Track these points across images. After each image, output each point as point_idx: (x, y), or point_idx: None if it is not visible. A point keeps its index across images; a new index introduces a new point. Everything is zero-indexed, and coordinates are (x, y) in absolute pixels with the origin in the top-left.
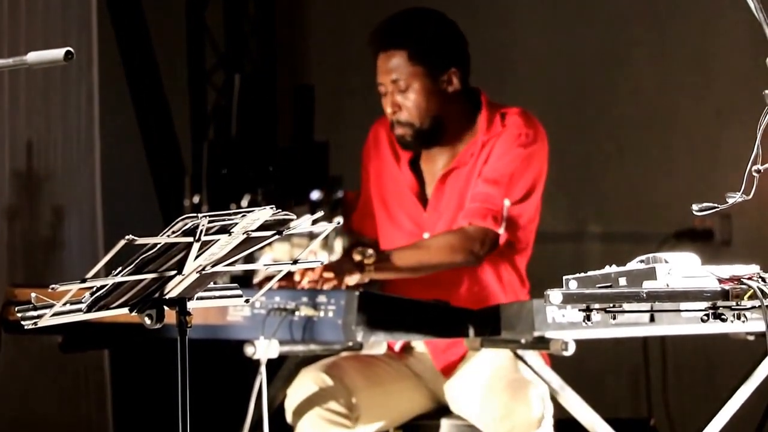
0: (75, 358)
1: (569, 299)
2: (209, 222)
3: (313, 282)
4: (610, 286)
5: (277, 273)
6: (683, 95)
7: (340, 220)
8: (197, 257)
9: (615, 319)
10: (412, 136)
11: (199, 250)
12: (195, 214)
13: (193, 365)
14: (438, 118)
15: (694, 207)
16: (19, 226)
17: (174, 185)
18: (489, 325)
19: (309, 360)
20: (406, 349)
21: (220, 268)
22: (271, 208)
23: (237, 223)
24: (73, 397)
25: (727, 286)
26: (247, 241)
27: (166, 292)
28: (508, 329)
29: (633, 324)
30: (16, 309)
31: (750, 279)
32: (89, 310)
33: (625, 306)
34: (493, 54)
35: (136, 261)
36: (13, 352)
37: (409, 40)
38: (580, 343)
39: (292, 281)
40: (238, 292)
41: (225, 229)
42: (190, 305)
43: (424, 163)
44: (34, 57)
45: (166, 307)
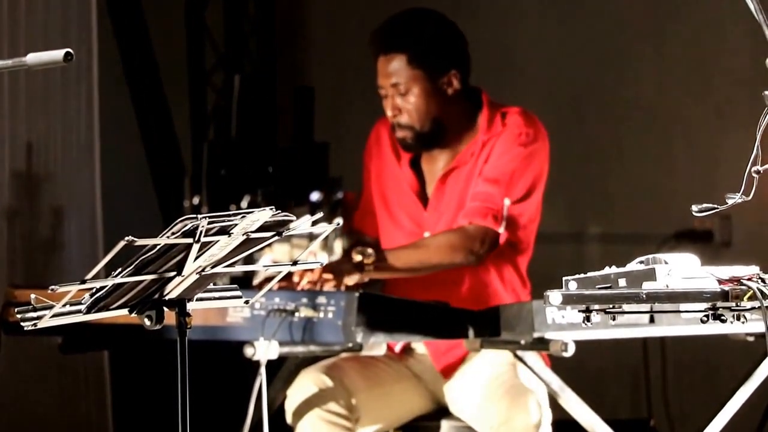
0: (75, 359)
1: (569, 300)
2: (209, 223)
3: (312, 283)
4: (610, 287)
5: (276, 274)
6: (683, 96)
7: (340, 221)
8: (197, 258)
9: (615, 320)
10: (413, 138)
11: (198, 251)
12: (195, 215)
13: (193, 366)
14: (439, 121)
15: (694, 208)
16: (18, 227)
17: (174, 186)
18: (489, 326)
19: (309, 361)
20: (407, 350)
21: (219, 270)
22: (271, 209)
23: (236, 224)
24: (73, 398)
25: (726, 287)
26: (247, 243)
27: (165, 293)
28: (508, 330)
29: (633, 325)
30: (16, 310)
31: (750, 280)
32: (89, 311)
33: (625, 307)
34: (493, 54)
35: (136, 262)
36: (13, 354)
37: (409, 43)
38: (579, 344)
39: (292, 282)
40: (238, 293)
41: (224, 230)
42: (190, 306)
43: (424, 163)
44: (34, 58)
45: (165, 308)
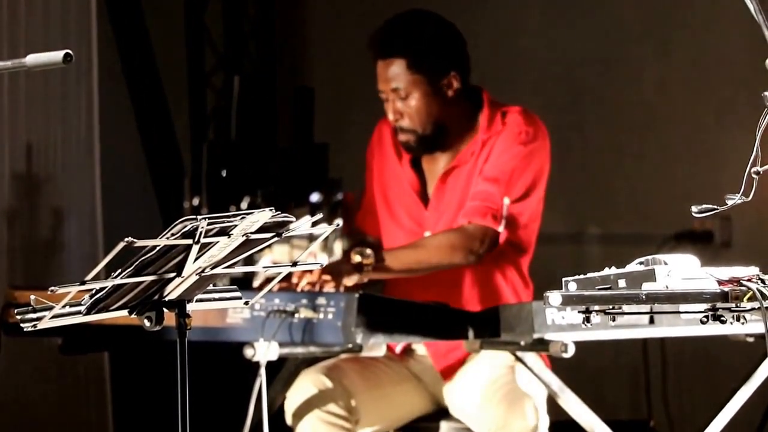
0: (75, 360)
1: (569, 301)
2: (208, 224)
3: (311, 284)
4: (610, 288)
5: (276, 275)
6: (683, 96)
7: (340, 222)
8: (196, 259)
9: (614, 320)
10: (415, 141)
11: (198, 252)
12: (194, 216)
13: (193, 367)
14: (440, 123)
15: (694, 209)
16: (18, 229)
17: (173, 187)
18: (488, 326)
19: (309, 362)
20: (407, 351)
21: (219, 271)
22: (271, 210)
23: (236, 225)
24: (73, 399)
25: (726, 288)
26: (247, 244)
27: (165, 294)
28: (508, 331)
29: (632, 326)
30: (16, 311)
31: (749, 281)
32: (89, 312)
33: (625, 308)
34: (494, 54)
35: (136, 263)
36: (13, 355)
37: (408, 47)
38: (579, 344)
39: (291, 283)
40: (238, 294)
41: (224, 232)
42: (190, 307)
43: (425, 162)
44: (33, 59)
45: (165, 310)
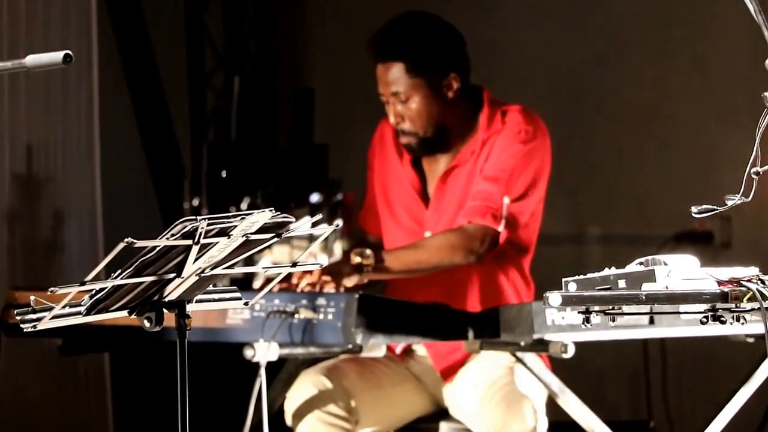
0: (75, 360)
1: (568, 301)
2: (208, 225)
3: (311, 285)
4: (610, 289)
5: (276, 276)
6: (682, 97)
7: (340, 223)
8: (196, 260)
9: (614, 321)
10: (417, 144)
11: (198, 252)
12: (194, 217)
13: (193, 368)
14: (441, 125)
15: (694, 209)
16: (19, 230)
17: (173, 187)
18: (488, 327)
19: (309, 363)
20: (407, 351)
21: (219, 271)
22: (270, 210)
23: (236, 225)
24: (74, 399)
25: (726, 289)
26: (247, 244)
27: (165, 295)
28: (508, 332)
29: (632, 326)
30: (15, 312)
31: (749, 281)
32: (88, 312)
33: (625, 308)
34: (493, 54)
35: (135, 264)
36: (14, 355)
37: (407, 51)
38: (579, 345)
39: (291, 284)
40: (237, 294)
41: (224, 232)
42: (189, 308)
43: (426, 162)
44: (33, 60)
45: (165, 310)
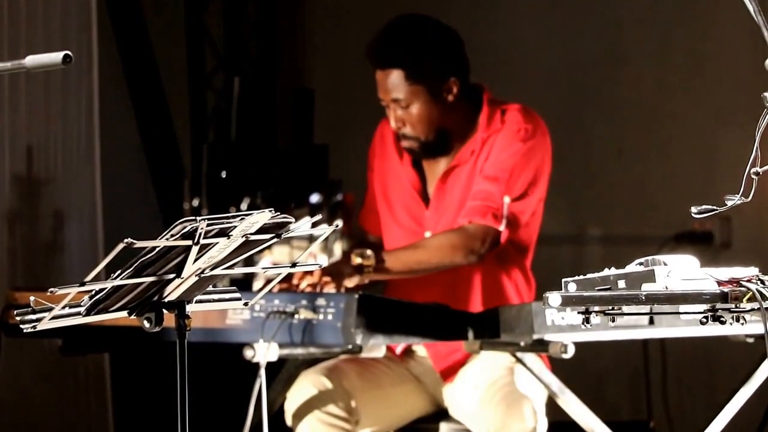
0: (75, 361)
1: (568, 302)
2: (208, 225)
3: (311, 286)
4: (609, 289)
5: (276, 276)
6: (682, 98)
7: (340, 223)
8: (196, 260)
9: (614, 321)
10: (419, 148)
11: (197, 253)
12: (194, 217)
13: (193, 368)
14: (442, 129)
15: (693, 209)
16: (19, 230)
17: (174, 188)
18: (488, 327)
19: (308, 363)
20: (407, 352)
21: (219, 272)
22: (270, 211)
23: (236, 226)
24: (74, 400)
25: (726, 289)
26: (246, 244)
27: (165, 296)
28: (508, 332)
29: (632, 326)
30: (15, 312)
31: (749, 281)
32: (88, 313)
33: (624, 308)
34: (493, 55)
35: (135, 264)
36: (14, 356)
37: (405, 58)
38: (579, 345)
39: (292, 284)
40: (237, 295)
41: (224, 233)
42: (189, 308)
43: (425, 162)
44: (33, 60)
45: (165, 311)
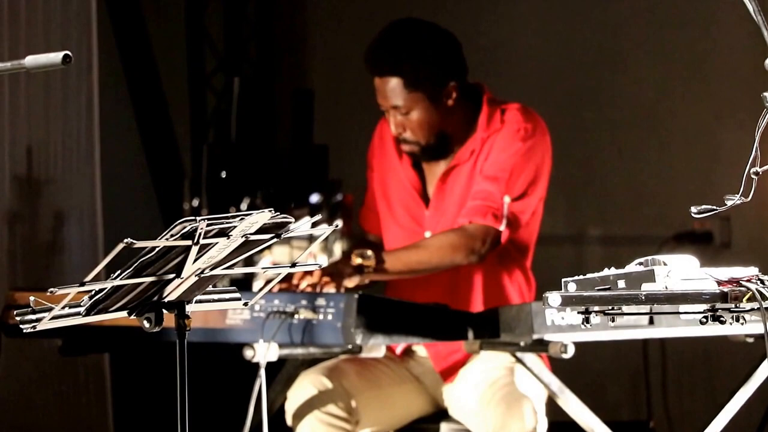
0: (75, 361)
1: (568, 302)
2: (208, 225)
3: (311, 286)
4: (609, 289)
5: (275, 276)
6: (682, 98)
7: (339, 224)
8: (196, 260)
9: (614, 321)
10: (420, 152)
11: (197, 253)
12: (193, 218)
13: (193, 368)
14: (443, 133)
15: (693, 209)
16: (19, 231)
17: (174, 188)
18: (488, 327)
19: (308, 363)
20: (408, 352)
21: (218, 272)
22: (270, 211)
23: (235, 226)
24: (74, 400)
25: (725, 289)
26: (246, 245)
27: (164, 296)
28: (507, 332)
29: (632, 326)
30: (15, 312)
31: (749, 281)
32: (88, 313)
33: (624, 308)
34: (493, 55)
35: (135, 264)
36: (14, 356)
37: (403, 65)
38: (579, 345)
39: (291, 284)
40: (237, 295)
41: (223, 233)
42: (189, 308)
43: (425, 162)
44: (32, 61)
45: (164, 311)
